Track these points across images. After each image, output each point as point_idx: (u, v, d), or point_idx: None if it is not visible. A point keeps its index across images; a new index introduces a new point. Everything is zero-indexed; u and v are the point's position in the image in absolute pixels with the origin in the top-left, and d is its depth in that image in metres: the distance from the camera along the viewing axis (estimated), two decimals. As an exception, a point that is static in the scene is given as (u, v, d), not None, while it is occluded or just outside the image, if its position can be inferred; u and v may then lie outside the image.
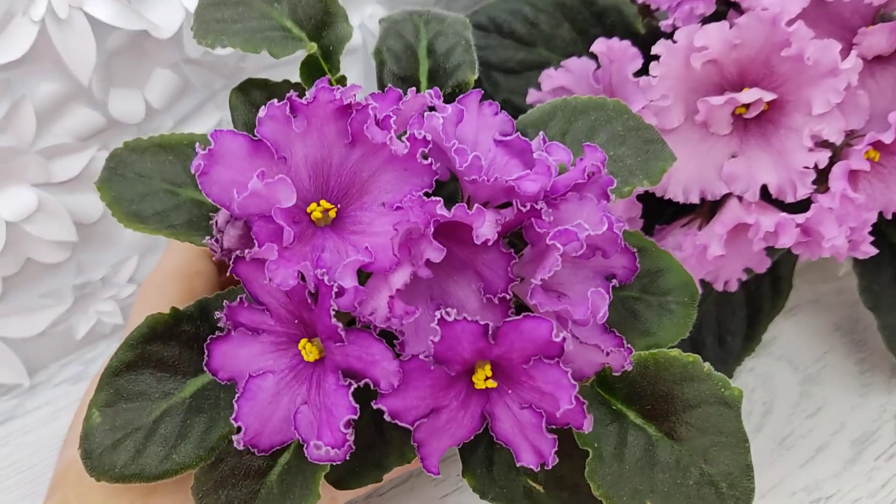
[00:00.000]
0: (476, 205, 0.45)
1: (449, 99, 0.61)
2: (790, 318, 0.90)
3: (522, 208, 0.46)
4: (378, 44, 0.66)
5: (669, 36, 0.67)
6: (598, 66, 0.72)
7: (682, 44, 0.65)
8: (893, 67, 0.68)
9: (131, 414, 0.51)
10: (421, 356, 0.45)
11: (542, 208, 0.46)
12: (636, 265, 0.52)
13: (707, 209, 0.72)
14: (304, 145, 0.48)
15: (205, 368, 0.49)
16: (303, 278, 0.45)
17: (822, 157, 0.64)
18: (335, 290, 0.43)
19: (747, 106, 0.67)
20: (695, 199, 0.68)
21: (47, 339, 0.85)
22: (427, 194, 0.46)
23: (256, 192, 0.44)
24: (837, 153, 0.67)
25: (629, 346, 0.49)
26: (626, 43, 0.68)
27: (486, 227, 0.44)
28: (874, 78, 0.68)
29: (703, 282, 0.73)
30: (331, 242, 0.47)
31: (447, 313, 0.43)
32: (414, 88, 0.50)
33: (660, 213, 0.77)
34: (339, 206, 0.48)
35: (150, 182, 0.60)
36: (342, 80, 0.59)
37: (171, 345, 0.54)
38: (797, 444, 0.82)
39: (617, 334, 0.51)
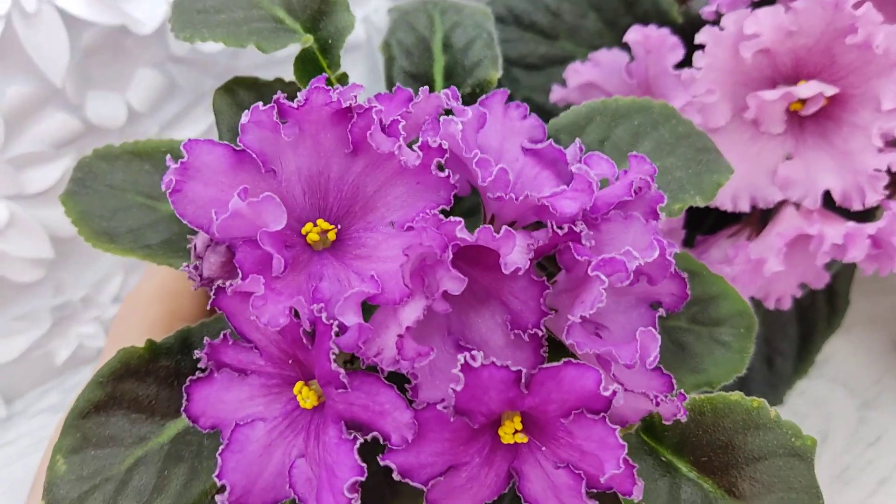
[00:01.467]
0: (503, 226, 0.37)
1: (468, 100, 0.53)
2: (844, 335, 0.81)
3: (559, 231, 0.38)
4: (387, 37, 0.59)
5: (713, 24, 0.58)
6: (632, 59, 0.64)
7: (729, 31, 0.57)
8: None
9: (100, 462, 0.45)
10: (439, 406, 0.37)
11: (581, 231, 0.39)
12: (686, 292, 0.45)
13: (756, 218, 0.64)
14: (297, 156, 0.40)
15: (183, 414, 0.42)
16: (296, 314, 0.37)
17: (894, 158, 0.55)
18: (335, 328, 0.36)
19: (804, 102, 0.58)
20: (745, 208, 0.60)
21: (24, 365, 0.78)
22: (444, 212, 0.39)
23: (238, 212, 0.37)
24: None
25: (680, 390, 0.41)
26: (665, 31, 0.60)
27: (517, 254, 0.37)
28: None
29: (751, 299, 0.64)
30: (330, 270, 0.39)
31: (472, 357, 0.35)
32: (426, 88, 0.42)
33: (699, 221, 0.69)
34: (339, 226, 0.41)
35: (123, 195, 0.52)
36: (343, 79, 0.51)
37: (146, 382, 0.46)
38: (857, 478, 0.73)
39: (664, 372, 0.43)
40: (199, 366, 0.42)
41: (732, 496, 0.42)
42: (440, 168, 0.39)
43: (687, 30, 0.62)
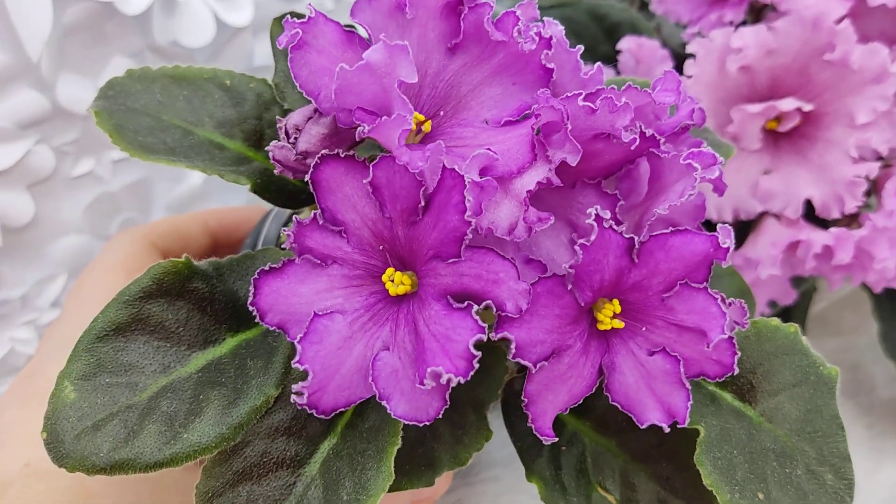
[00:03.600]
0: (619, 101, 0.37)
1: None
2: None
3: (646, 132, 0.38)
4: None
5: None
6: (617, 74, 0.66)
7: (718, 43, 0.60)
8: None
9: (119, 390, 0.38)
10: (557, 273, 0.36)
11: (660, 139, 0.39)
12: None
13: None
14: (408, 41, 0.39)
15: (250, 308, 0.38)
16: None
17: (873, 167, 0.59)
18: (468, 180, 0.34)
19: (779, 119, 0.62)
20: (727, 219, 0.62)
21: (-54, 367, 0.71)
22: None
23: (372, 66, 0.35)
24: (883, 168, 0.62)
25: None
26: (656, 43, 0.63)
27: (628, 132, 0.37)
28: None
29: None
30: (433, 153, 0.38)
31: (591, 231, 0.35)
32: None
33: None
34: (433, 121, 0.40)
35: (158, 118, 0.49)
36: None
37: (177, 305, 0.41)
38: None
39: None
40: (282, 246, 0.39)
41: (772, 423, 0.42)
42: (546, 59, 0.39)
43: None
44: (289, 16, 0.38)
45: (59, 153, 0.69)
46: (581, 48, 0.41)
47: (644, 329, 0.38)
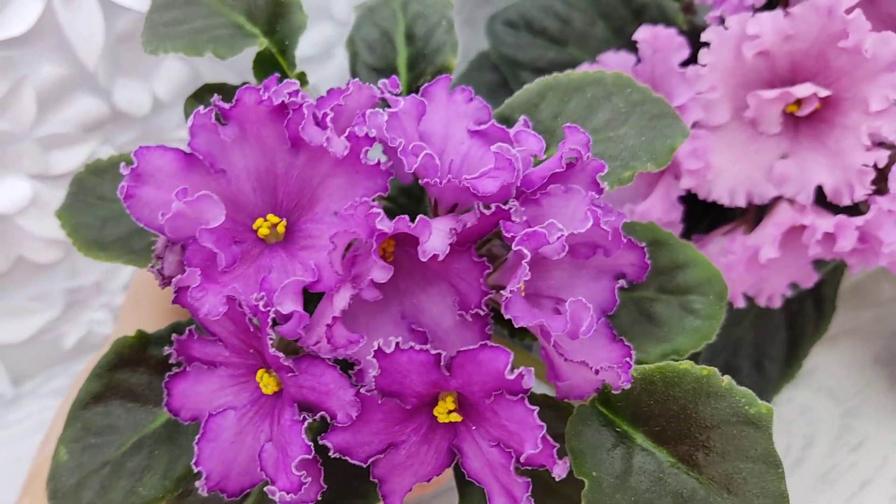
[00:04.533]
0: (420, 217, 0.39)
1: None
2: (829, 348, 0.84)
3: (485, 211, 0.40)
4: (351, 33, 0.61)
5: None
6: (638, 61, 0.68)
7: (734, 31, 0.61)
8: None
9: (99, 449, 0.48)
10: (363, 389, 0.40)
11: (511, 208, 0.41)
12: (646, 262, 0.46)
13: (752, 216, 0.67)
14: (244, 155, 0.43)
15: (164, 409, 0.44)
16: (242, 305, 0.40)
17: (882, 155, 0.59)
18: (272, 316, 0.39)
19: (799, 103, 0.63)
20: (741, 203, 0.64)
21: (35, 346, 0.79)
22: (383, 199, 0.42)
23: (180, 212, 0.40)
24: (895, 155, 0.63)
25: (626, 360, 0.43)
26: (673, 31, 0.64)
27: (436, 240, 0.39)
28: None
29: (744, 296, 0.67)
30: (278, 261, 0.42)
31: (387, 343, 0.37)
32: (357, 81, 0.45)
33: (697, 222, 0.72)
34: (289, 219, 0.44)
35: (111, 205, 0.56)
36: (302, 77, 0.54)
37: (139, 372, 0.50)
38: (840, 480, 0.76)
39: (623, 343, 0.45)
40: (169, 361, 0.44)
41: (687, 465, 0.41)
42: (372, 157, 0.41)
43: (692, 38, 0.66)
44: (123, 164, 0.42)
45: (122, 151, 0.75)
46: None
47: (482, 422, 0.40)
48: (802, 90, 0.61)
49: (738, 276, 0.62)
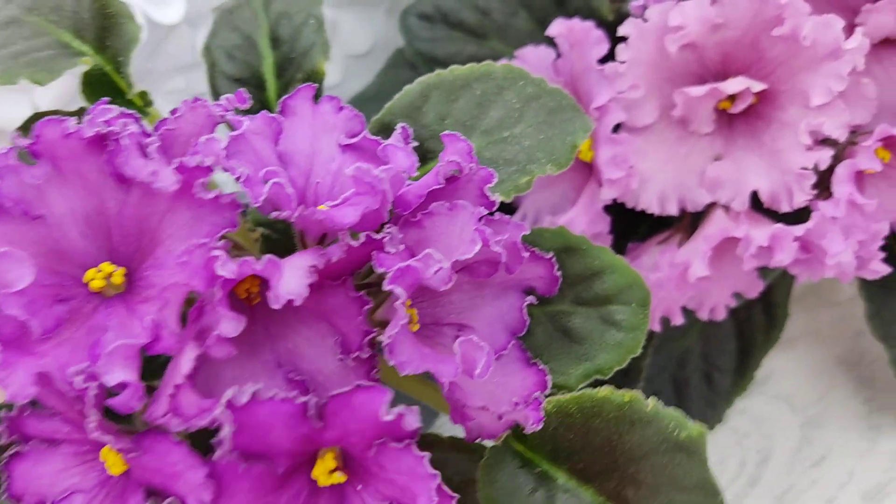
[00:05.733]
0: (267, 257, 0.34)
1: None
2: (787, 351, 0.78)
3: (353, 242, 0.35)
4: (207, 41, 0.55)
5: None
6: (559, 55, 0.61)
7: (654, 23, 0.55)
8: (904, 51, 0.58)
9: None
10: (223, 455, 0.33)
11: (386, 236, 0.36)
12: (555, 274, 0.42)
13: (687, 223, 0.61)
14: (64, 196, 0.37)
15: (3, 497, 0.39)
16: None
17: (824, 155, 0.53)
18: (92, 392, 0.33)
19: (733, 99, 0.56)
20: (673, 210, 0.57)
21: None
22: (264, 226, 0.37)
23: None
24: (840, 153, 0.56)
25: (537, 398, 0.38)
26: (590, 24, 0.58)
27: (290, 281, 0.33)
28: (882, 64, 0.58)
29: (685, 310, 0.62)
30: (116, 319, 0.36)
31: (241, 394, 0.32)
32: (189, 100, 0.39)
33: (634, 228, 0.66)
34: (129, 266, 0.37)
35: None
36: (144, 97, 0.48)
37: None
38: (801, 499, 0.71)
39: (539, 368, 0.40)
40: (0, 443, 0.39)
41: (616, 503, 0.39)
42: (209, 189, 0.36)
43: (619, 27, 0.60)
44: None
45: None
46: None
47: (369, 480, 0.35)
48: (733, 85, 0.55)
49: (674, 292, 0.56)
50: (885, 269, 0.56)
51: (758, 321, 0.70)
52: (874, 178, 0.58)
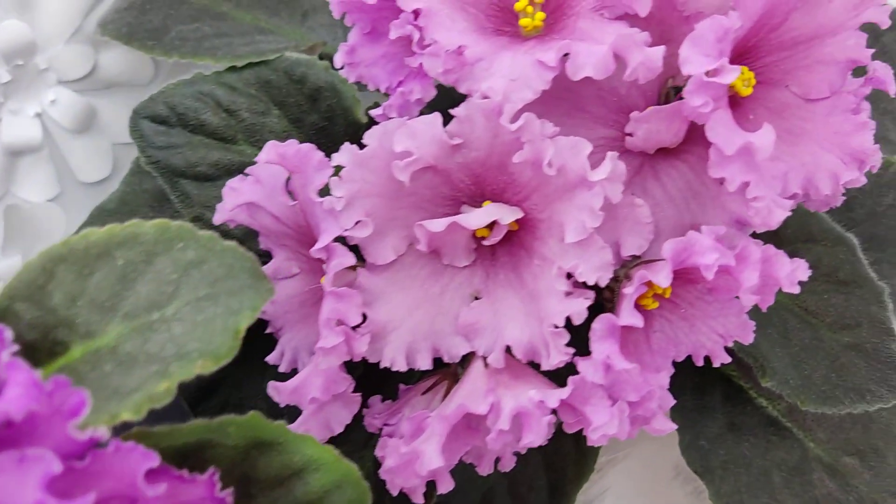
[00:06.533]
0: None
1: None
2: (619, 464, 0.70)
3: None
4: None
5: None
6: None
7: (374, 149, 0.45)
8: (683, 162, 0.49)
9: None
10: None
11: None
12: (217, 496, 0.34)
13: (454, 368, 0.52)
14: None
15: None
16: None
17: (578, 308, 0.44)
18: None
19: (492, 226, 0.47)
20: (425, 364, 0.48)
21: None
22: None
23: None
24: (616, 291, 0.47)
25: None
26: (308, 147, 0.47)
27: None
28: (659, 179, 0.49)
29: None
30: None
31: None
32: None
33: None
34: None
35: None
36: None
37: None
38: None
39: None
40: None
41: None
42: None
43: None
44: None
45: None
46: None
47: None
48: (477, 218, 0.45)
49: (407, 482, 0.46)
50: (671, 426, 0.48)
51: (567, 451, 0.61)
52: (662, 308, 0.49)
